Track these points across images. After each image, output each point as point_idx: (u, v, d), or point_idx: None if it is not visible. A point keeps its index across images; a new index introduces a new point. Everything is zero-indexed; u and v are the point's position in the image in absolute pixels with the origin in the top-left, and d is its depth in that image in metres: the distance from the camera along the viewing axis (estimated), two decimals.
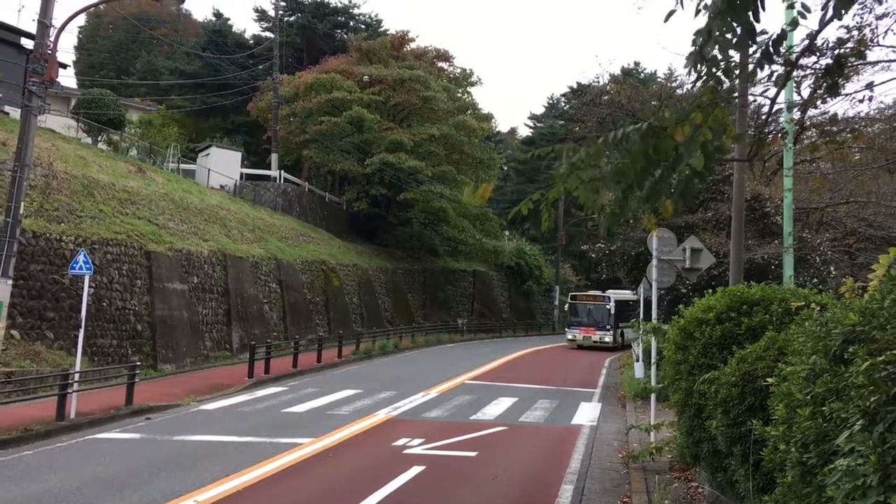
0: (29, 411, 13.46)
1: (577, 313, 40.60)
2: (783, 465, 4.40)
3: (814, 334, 4.48)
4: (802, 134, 15.47)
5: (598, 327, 39.53)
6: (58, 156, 22.97)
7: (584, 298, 41.30)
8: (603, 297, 40.22)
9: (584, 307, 40.48)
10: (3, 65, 26.63)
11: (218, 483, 9.60)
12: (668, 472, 10.44)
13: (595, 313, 40.01)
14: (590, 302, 40.62)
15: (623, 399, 19.44)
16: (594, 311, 40.09)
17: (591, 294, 42.40)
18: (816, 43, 5.76)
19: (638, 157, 4.40)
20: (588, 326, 39.77)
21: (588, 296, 41.83)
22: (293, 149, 45.97)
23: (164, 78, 53.94)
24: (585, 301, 40.90)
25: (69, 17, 16.70)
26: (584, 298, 41.30)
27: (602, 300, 40.07)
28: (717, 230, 22.58)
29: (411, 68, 45.61)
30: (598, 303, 40.21)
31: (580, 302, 41.02)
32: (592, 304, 40.39)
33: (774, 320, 7.43)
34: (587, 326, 39.78)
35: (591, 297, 41.31)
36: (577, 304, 41.01)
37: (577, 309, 40.71)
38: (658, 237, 13.27)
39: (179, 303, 23.09)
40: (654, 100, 31.27)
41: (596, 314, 40.00)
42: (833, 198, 22.89)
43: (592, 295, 41.70)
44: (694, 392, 7.87)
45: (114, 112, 32.92)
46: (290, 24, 55.15)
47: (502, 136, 78.04)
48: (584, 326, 39.85)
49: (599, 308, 39.99)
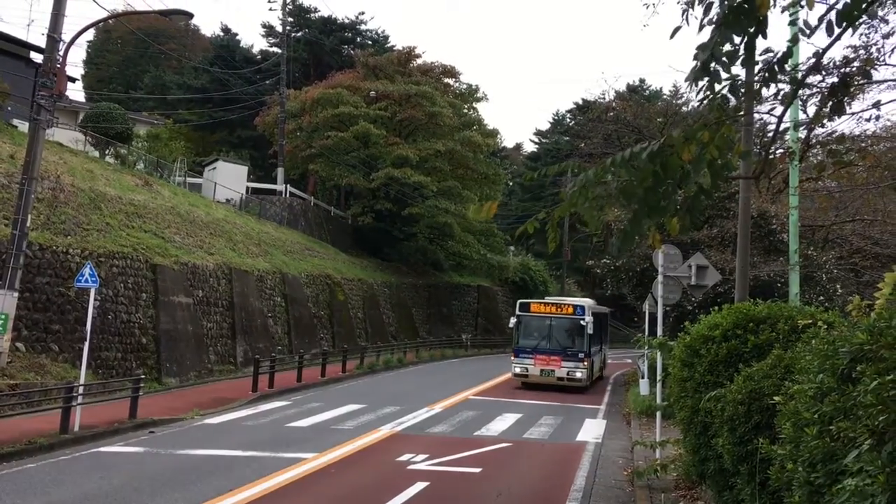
0: (33, 424, 13.45)
1: (530, 332, 25.89)
2: (790, 485, 4.38)
3: (821, 353, 4.46)
4: (808, 152, 15.49)
5: (566, 355, 25.10)
6: (65, 169, 23.09)
7: (545, 308, 26.35)
8: (574, 306, 26.24)
9: (542, 323, 25.84)
10: (13, 78, 26.81)
11: (221, 498, 9.57)
12: (673, 491, 10.38)
13: (560, 332, 25.55)
14: (553, 314, 25.91)
15: (628, 416, 19.35)
16: (559, 328, 25.62)
17: (554, 302, 27.20)
18: (823, 62, 5.77)
19: (646, 176, 4.42)
20: (548, 354, 25.25)
21: (551, 304, 26.69)
22: (299, 163, 46.12)
23: (171, 92, 54.25)
24: (546, 312, 26.07)
25: (78, 32, 16.83)
26: (545, 308, 26.35)
27: (572, 312, 25.73)
28: (722, 247, 22.55)
29: (417, 84, 45.83)
30: (567, 316, 25.75)
31: (537, 314, 26.19)
32: (557, 317, 25.80)
33: (781, 338, 7.40)
34: (547, 354, 25.26)
35: (554, 306, 26.42)
36: (530, 318, 26.14)
37: (530, 325, 26.01)
38: (664, 254, 13.25)
39: (184, 316, 23.10)
40: (660, 117, 31.36)
41: (561, 333, 25.56)
42: (839, 216, 22.89)
43: (557, 303, 26.86)
44: (700, 410, 7.83)
45: (121, 126, 33.10)
46: (297, 39, 55.47)
47: (508, 151, 78.20)
48: (543, 354, 25.29)
49: (568, 324, 25.60)
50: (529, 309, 26.00)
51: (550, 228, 4.77)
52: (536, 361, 25.00)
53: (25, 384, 15.60)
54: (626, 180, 4.58)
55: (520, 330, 25.50)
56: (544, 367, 24.88)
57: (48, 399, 14.85)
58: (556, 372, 24.71)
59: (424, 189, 42.63)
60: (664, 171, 4.42)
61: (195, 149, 44.88)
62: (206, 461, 11.92)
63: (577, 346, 24.89)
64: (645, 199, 4.54)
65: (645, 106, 35.73)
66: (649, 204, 4.58)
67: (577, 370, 24.54)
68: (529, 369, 25.04)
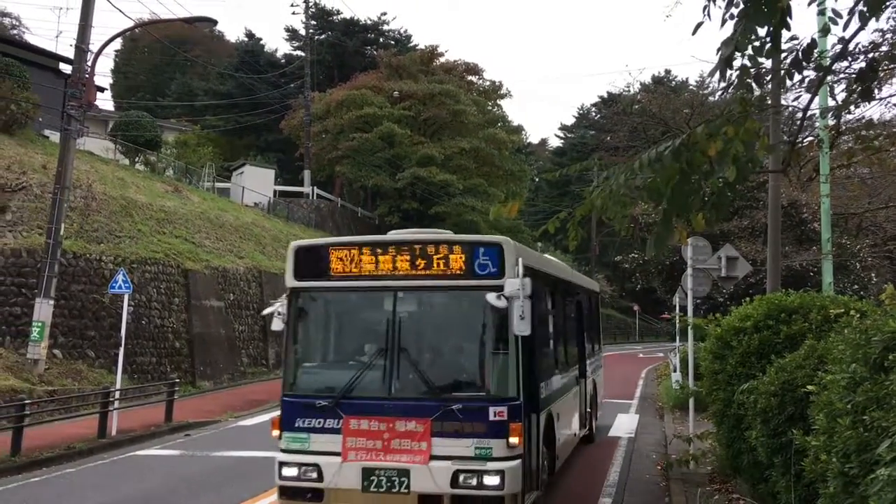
0: (72, 429, 13.69)
1: (332, 344, 8.56)
2: (825, 476, 4.34)
3: (853, 342, 4.42)
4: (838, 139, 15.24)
5: (443, 416, 7.18)
6: (96, 177, 23.46)
7: (371, 260, 7.67)
8: (462, 245, 7.46)
9: (372, 312, 7.99)
10: (43, 90, 27.26)
11: (256, 499, 9.68)
12: (708, 485, 10.29)
13: (421, 341, 7.84)
14: (399, 276, 7.57)
15: (661, 410, 19.20)
16: (415, 326, 7.81)
17: (401, 240, 7.89)
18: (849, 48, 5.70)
19: (672, 174, 4.40)
20: (385, 415, 7.31)
21: (388, 245, 7.72)
22: (325, 165, 46.38)
23: (198, 98, 54.82)
24: (379, 272, 7.63)
25: (106, 42, 17.12)
26: (371, 260, 7.67)
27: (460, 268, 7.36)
28: (752, 238, 22.32)
29: (441, 83, 45.90)
30: (438, 280, 7.49)
31: (350, 280, 7.78)
32: (409, 287, 7.64)
33: (814, 328, 7.33)
34: (381, 415, 7.32)
35: (400, 250, 7.58)
36: (331, 299, 8.24)
37: (333, 322, 8.47)
38: (692, 246, 13.13)
39: (216, 320, 23.35)
40: (686, 108, 31.08)
41: (427, 345, 7.89)
42: (872, 202, 22.51)
43: (407, 241, 7.76)
44: (732, 402, 7.78)
45: (150, 133, 33.55)
46: (320, 42, 55.77)
47: (533, 147, 77.92)
48: (370, 414, 7.35)
49: (444, 312, 7.99)
50: (327, 267, 7.87)
51: (571, 227, 4.77)
52: (348, 443, 7.41)
53: (63, 390, 15.90)
54: (652, 178, 4.57)
55: (301, 339, 8.35)
56: (372, 463, 7.31)
57: (86, 405, 15.10)
58: (410, 474, 7.21)
59: (450, 187, 42.69)
60: (689, 166, 4.40)
61: (223, 154, 45.32)
62: (241, 463, 12.05)
63: (481, 379, 7.66)
64: (672, 197, 4.52)
65: (671, 98, 35.41)
66: (677, 202, 4.57)
67: (486, 465, 7.13)
68: (325, 470, 7.45)
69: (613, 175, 4.67)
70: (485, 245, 7.48)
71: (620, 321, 62.86)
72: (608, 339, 56.75)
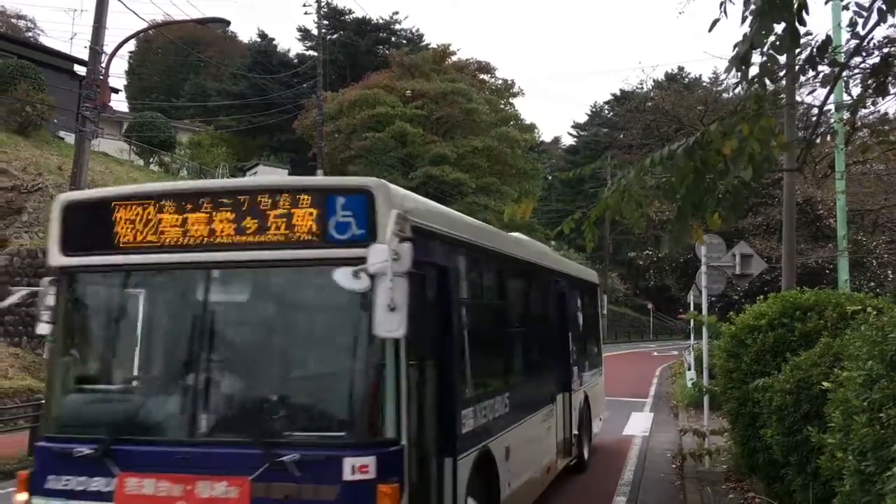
0: None
1: (102, 360, 5.49)
2: (841, 474, 4.32)
3: (870, 339, 4.40)
4: (854, 135, 15.16)
5: (272, 473, 4.29)
6: (112, 178, 23.65)
7: (154, 215, 4.88)
8: (308, 189, 4.69)
9: (157, 291, 5.25)
10: (58, 91, 27.49)
11: None
12: (723, 483, 10.26)
13: (257, 355, 4.90)
14: (218, 247, 4.77)
15: (675, 408, 19.14)
16: (233, 329, 5.05)
17: (207, 189, 5.07)
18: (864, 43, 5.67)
19: (686, 172, 4.39)
20: (185, 468, 4.44)
21: (188, 194, 4.93)
22: (338, 165, 46.49)
23: (211, 99, 55.14)
24: (173, 246, 4.85)
25: (120, 44, 17.20)
26: (154, 215, 4.88)
27: (316, 234, 4.59)
28: (767, 235, 22.23)
29: (453, 81, 45.94)
30: (271, 248, 4.68)
31: (133, 256, 4.94)
32: (237, 257, 4.76)
33: (829, 326, 7.29)
34: (176, 469, 4.45)
35: (220, 199, 4.79)
36: (109, 280, 5.25)
37: (108, 324, 5.47)
38: (707, 243, 13.10)
39: None
40: (700, 105, 30.98)
41: (266, 360, 4.90)
42: (888, 199, 22.36)
43: (232, 187, 5.02)
44: (747, 401, 7.74)
45: (164, 134, 33.78)
46: (332, 41, 55.94)
47: (546, 145, 77.80)
48: (166, 466, 4.50)
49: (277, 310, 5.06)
50: (110, 234, 4.98)
51: (587, 228, 4.76)
52: None
53: None
54: (667, 177, 4.55)
55: (70, 349, 5.31)
56: None
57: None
58: None
59: (463, 186, 42.73)
60: (704, 165, 4.39)
61: (236, 154, 45.59)
62: None
63: (336, 411, 4.75)
64: (687, 196, 4.51)
65: (684, 95, 35.30)
66: (692, 201, 4.55)
67: None
68: None
69: (626, 176, 4.66)
70: (346, 192, 4.65)
71: (635, 319, 62.71)
72: (622, 337, 56.73)
